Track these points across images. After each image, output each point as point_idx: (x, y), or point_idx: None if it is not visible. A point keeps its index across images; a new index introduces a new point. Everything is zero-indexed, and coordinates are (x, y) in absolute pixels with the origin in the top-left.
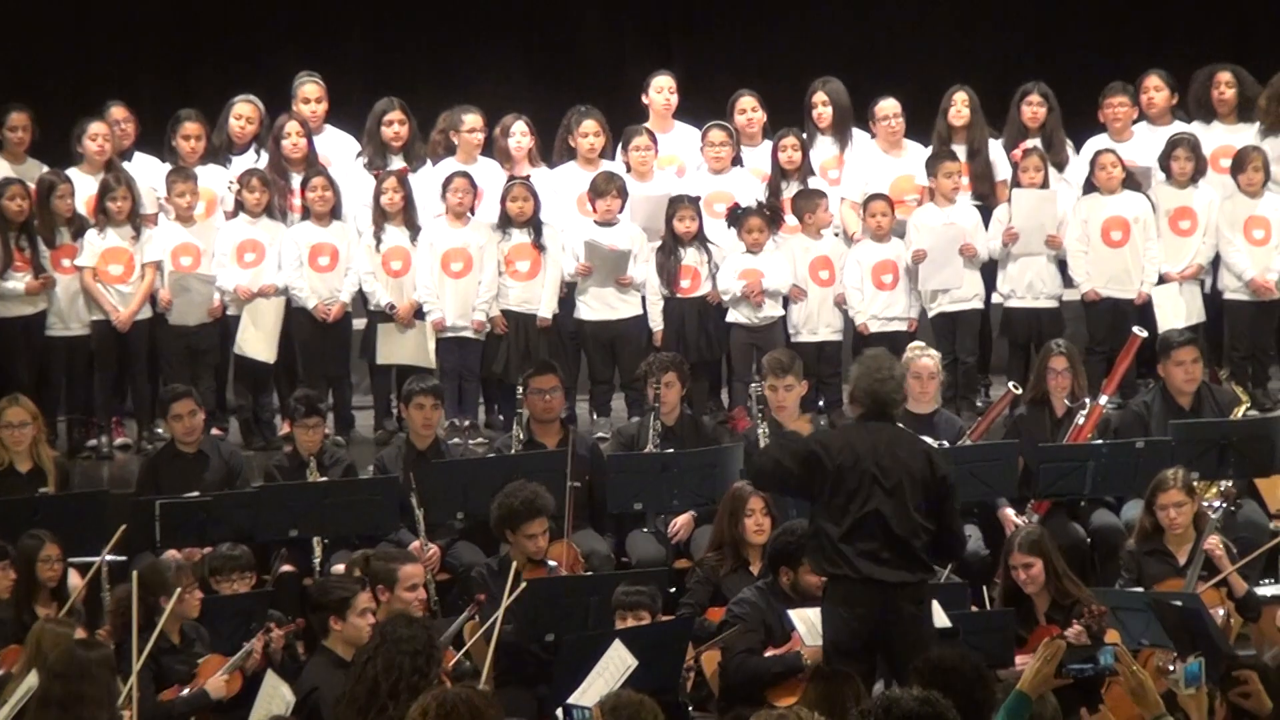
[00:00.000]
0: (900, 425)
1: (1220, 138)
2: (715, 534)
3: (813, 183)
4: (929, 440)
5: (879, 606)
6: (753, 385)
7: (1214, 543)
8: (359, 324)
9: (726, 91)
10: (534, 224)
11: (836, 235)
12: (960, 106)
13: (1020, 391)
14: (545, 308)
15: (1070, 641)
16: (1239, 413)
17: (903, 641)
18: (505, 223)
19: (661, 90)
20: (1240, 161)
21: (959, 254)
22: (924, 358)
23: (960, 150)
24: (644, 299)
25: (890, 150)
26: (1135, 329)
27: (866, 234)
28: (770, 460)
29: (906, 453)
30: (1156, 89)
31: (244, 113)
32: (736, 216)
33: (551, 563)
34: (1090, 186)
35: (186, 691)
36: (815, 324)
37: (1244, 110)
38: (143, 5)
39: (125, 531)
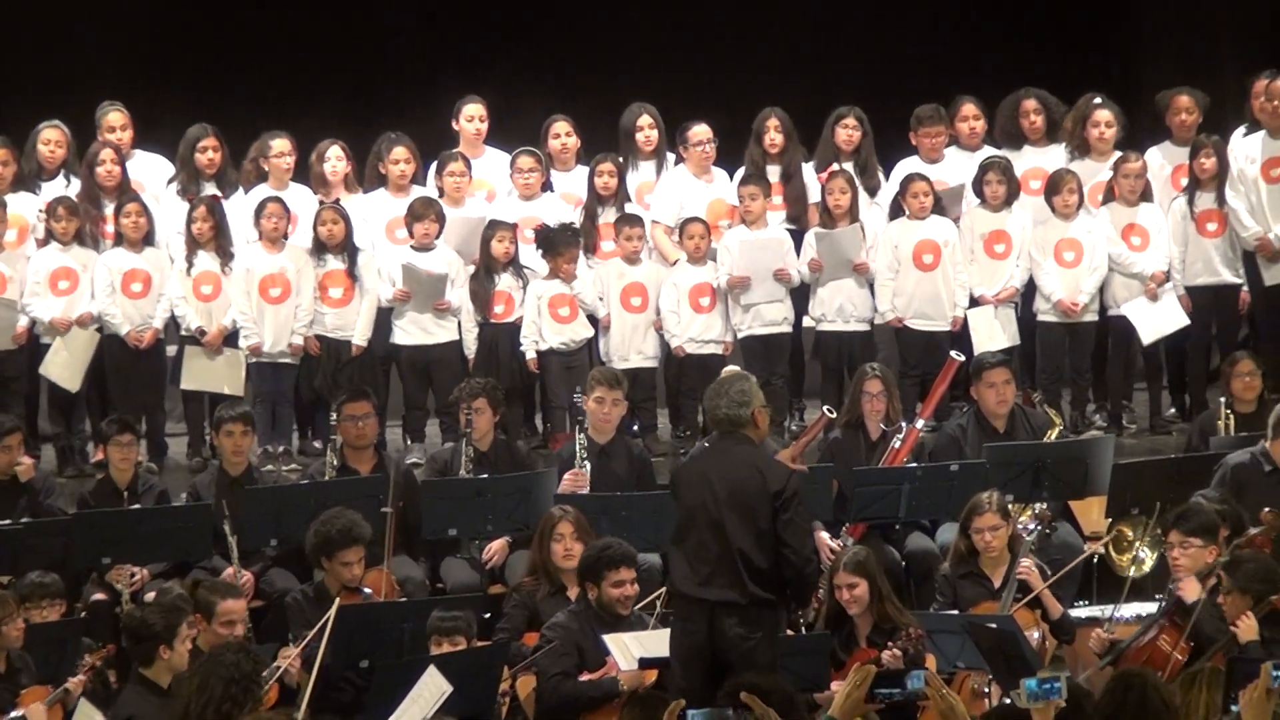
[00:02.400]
0: (750, 442)
1: (1031, 160)
2: (532, 559)
3: (629, 208)
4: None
5: (705, 624)
6: (576, 395)
7: (1027, 565)
8: (172, 350)
9: (540, 117)
10: (348, 250)
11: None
12: (773, 132)
13: (835, 415)
14: (360, 335)
15: (884, 666)
16: (1052, 435)
17: (731, 662)
18: (319, 248)
19: (472, 118)
20: (1055, 184)
21: (774, 277)
22: None
23: (774, 173)
24: (460, 324)
25: (701, 175)
26: (953, 353)
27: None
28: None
29: (740, 470)
30: (975, 117)
31: (51, 138)
32: (549, 240)
33: (366, 590)
34: (898, 211)
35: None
36: (626, 350)
37: (1052, 132)
38: None
39: None
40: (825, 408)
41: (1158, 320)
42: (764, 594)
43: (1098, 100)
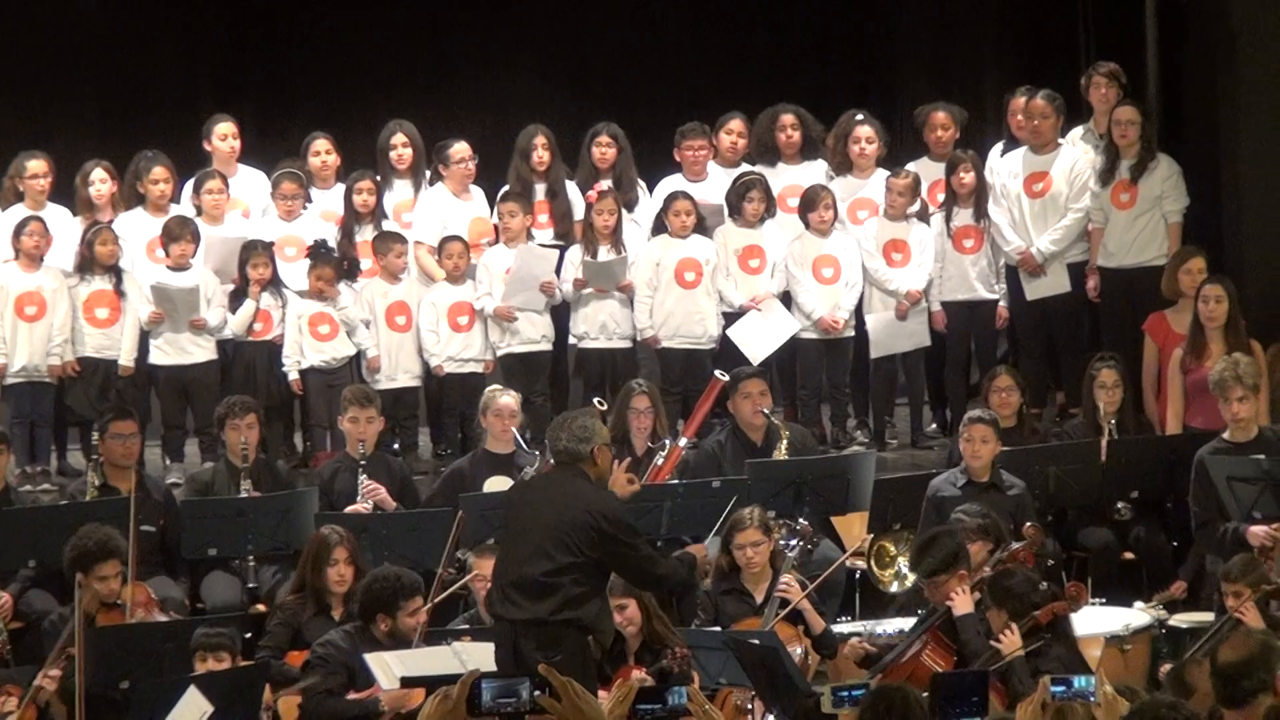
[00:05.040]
0: (586, 477)
1: (787, 177)
2: (298, 578)
3: (386, 225)
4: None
5: (509, 647)
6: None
7: (788, 580)
8: None
9: (299, 134)
10: (115, 270)
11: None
12: (540, 150)
13: (606, 406)
14: (125, 355)
15: (644, 683)
16: (781, 447)
17: None
18: (86, 267)
19: (225, 137)
20: (810, 201)
21: (539, 290)
22: (504, 398)
23: (540, 190)
24: (218, 343)
25: (460, 194)
26: (717, 372)
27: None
28: None
29: (567, 501)
30: (740, 134)
31: None
32: (317, 254)
33: (121, 602)
34: (660, 228)
35: None
36: (394, 370)
37: (807, 150)
38: None
39: None
40: (596, 399)
41: (763, 337)
42: (566, 615)
43: (859, 116)
